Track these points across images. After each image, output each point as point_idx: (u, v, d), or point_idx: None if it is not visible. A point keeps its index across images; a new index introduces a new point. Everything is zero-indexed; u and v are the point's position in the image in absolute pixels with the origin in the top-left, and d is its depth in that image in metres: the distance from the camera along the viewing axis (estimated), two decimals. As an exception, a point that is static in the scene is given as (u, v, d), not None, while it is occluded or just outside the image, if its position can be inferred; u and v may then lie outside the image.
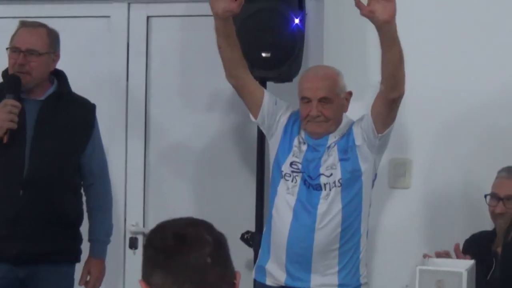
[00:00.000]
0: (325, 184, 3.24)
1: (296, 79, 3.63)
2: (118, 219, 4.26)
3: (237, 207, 4.15)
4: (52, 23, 4.02)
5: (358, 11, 3.53)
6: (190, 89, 4.17)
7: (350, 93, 3.30)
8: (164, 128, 4.32)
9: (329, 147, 3.28)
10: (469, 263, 2.93)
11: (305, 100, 3.23)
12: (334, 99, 3.23)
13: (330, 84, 3.24)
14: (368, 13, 2.91)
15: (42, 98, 3.42)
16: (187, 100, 4.24)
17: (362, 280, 3.30)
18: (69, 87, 3.56)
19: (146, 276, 1.79)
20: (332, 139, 3.28)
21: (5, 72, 3.43)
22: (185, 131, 4.27)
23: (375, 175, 3.34)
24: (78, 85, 4.15)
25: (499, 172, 3.32)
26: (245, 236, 3.75)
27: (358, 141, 3.24)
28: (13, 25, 3.66)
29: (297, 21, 3.55)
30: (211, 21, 3.62)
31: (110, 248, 3.98)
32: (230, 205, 4.19)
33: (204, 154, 4.27)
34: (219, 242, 1.82)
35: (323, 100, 3.20)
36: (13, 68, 3.37)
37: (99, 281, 3.58)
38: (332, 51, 3.85)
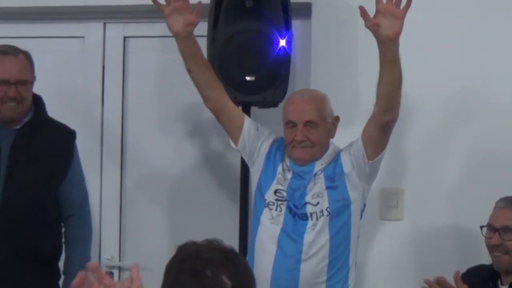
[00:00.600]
0: (311, 214, 3.18)
1: (282, 105, 3.57)
2: (92, 252, 4.06)
3: (220, 231, 3.91)
4: (23, 44, 4.01)
5: (348, 31, 3.74)
6: (168, 114, 4.13)
7: (337, 118, 3.25)
8: (141, 155, 4.28)
9: (315, 174, 3.23)
10: None
11: (290, 124, 3.19)
12: (320, 123, 3.18)
13: (316, 107, 3.19)
14: (373, 26, 2.87)
15: (19, 126, 3.42)
16: (165, 125, 4.19)
17: None
18: (46, 113, 3.54)
19: None
20: (318, 166, 3.24)
21: None
22: (164, 158, 4.22)
23: (364, 205, 3.29)
24: (51, 109, 4.06)
25: (497, 202, 3.27)
26: None
27: (347, 168, 3.19)
28: None
29: (283, 42, 3.52)
30: None
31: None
32: (214, 230, 3.94)
33: (184, 183, 4.22)
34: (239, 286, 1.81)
35: (308, 124, 3.16)
36: (1, 100, 3.34)
37: None
38: (320, 74, 3.83)
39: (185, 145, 4.12)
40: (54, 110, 4.06)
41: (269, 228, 3.25)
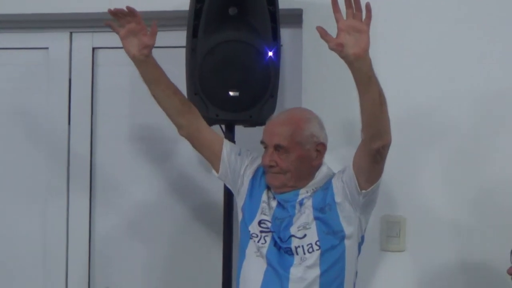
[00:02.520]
0: (296, 248, 3.02)
1: None
2: (58, 277, 4.18)
3: (201, 264, 4.00)
4: None
5: None
6: (142, 132, 4.05)
7: (322, 145, 3.09)
8: (112, 182, 4.17)
9: (301, 203, 3.06)
10: None
11: (263, 145, 3.09)
12: (292, 149, 3.01)
13: (290, 131, 3.03)
14: (336, 46, 2.72)
15: None
16: (138, 144, 4.08)
17: None
18: None
19: None
20: (303, 193, 3.07)
21: None
22: (138, 182, 4.11)
23: (362, 238, 3.12)
24: (12, 128, 4.19)
25: None
26: None
27: (339, 197, 3.02)
28: None
29: (270, 54, 3.39)
30: (167, 53, 3.56)
31: None
32: (194, 263, 4.04)
33: (160, 210, 4.10)
34: None
35: (278, 148, 3.02)
36: None
37: None
38: (312, 88, 3.74)
39: (160, 167, 4.05)
40: (15, 129, 4.17)
41: (254, 263, 3.11)
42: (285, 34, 3.69)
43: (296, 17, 3.74)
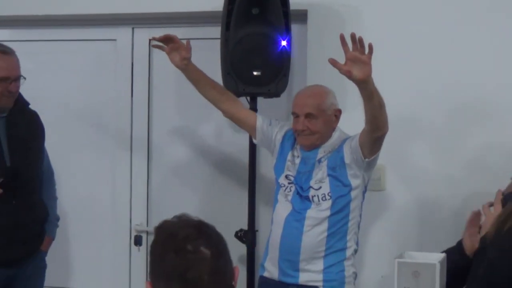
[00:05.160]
0: (313, 197, 3.28)
1: (283, 95, 3.75)
2: (125, 220, 4.43)
3: (231, 207, 4.19)
4: (63, 46, 4.37)
5: (338, 33, 3.36)
6: (187, 104, 4.22)
7: (339, 111, 3.34)
8: (165, 139, 4.38)
9: (319, 160, 3.30)
10: (441, 256, 2.87)
11: (294, 115, 3.31)
12: (319, 115, 3.26)
13: (316, 102, 3.28)
14: (346, 73, 2.90)
15: (5, 114, 3.50)
16: (185, 114, 4.30)
17: (347, 279, 3.32)
18: (26, 101, 3.64)
19: (152, 278, 1.81)
20: (321, 153, 3.32)
21: None
22: (184, 141, 4.32)
23: (365, 188, 3.36)
24: (87, 104, 4.46)
25: None
26: (239, 234, 3.81)
27: (347, 159, 3.26)
28: (21, 48, 3.68)
29: (284, 43, 3.59)
30: (206, 43, 3.94)
31: (117, 245, 4.32)
32: (226, 206, 4.23)
33: (202, 161, 4.31)
34: (217, 254, 1.79)
35: (308, 116, 3.25)
36: (2, 94, 3.41)
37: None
38: (315, 70, 3.90)
39: (203, 129, 4.23)
40: (89, 105, 4.45)
41: (282, 205, 3.36)
42: (294, 28, 3.76)
43: (302, 16, 3.95)
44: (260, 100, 3.77)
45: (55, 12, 4.30)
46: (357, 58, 2.89)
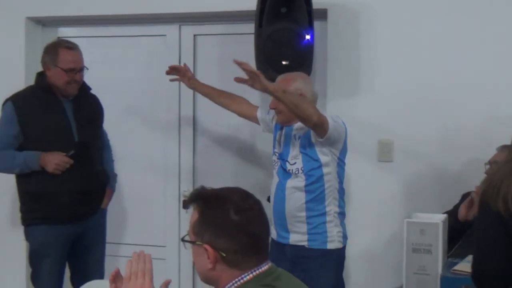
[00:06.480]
0: (289, 170, 3.49)
1: None
2: (174, 187, 4.68)
3: (263, 177, 4.42)
4: (120, 41, 4.70)
5: (354, 30, 4.05)
6: (226, 90, 4.10)
7: (301, 95, 3.43)
8: (207, 124, 4.66)
9: (295, 137, 3.47)
10: (443, 216, 3.16)
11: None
12: None
13: (283, 85, 3.42)
14: (249, 85, 3.25)
15: (71, 98, 3.78)
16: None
17: (330, 238, 3.48)
18: (88, 87, 3.89)
19: (210, 239, 1.93)
20: (295, 130, 3.50)
21: (40, 79, 3.75)
22: (222, 127, 4.61)
23: (341, 160, 3.50)
24: (141, 89, 4.70)
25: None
26: (268, 199, 3.82)
27: (313, 139, 3.44)
28: (86, 43, 4.00)
29: (308, 37, 3.77)
30: (244, 38, 4.17)
31: (168, 208, 4.57)
32: (256, 178, 4.47)
33: (238, 137, 4.58)
34: (262, 208, 2.02)
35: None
36: (68, 85, 3.67)
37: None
38: (334, 59, 4.15)
39: (230, 116, 4.20)
40: (141, 93, 4.68)
41: (274, 179, 3.61)
42: (316, 25, 3.93)
43: (323, 14, 4.14)
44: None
45: (113, 12, 4.54)
46: (252, 74, 3.22)
